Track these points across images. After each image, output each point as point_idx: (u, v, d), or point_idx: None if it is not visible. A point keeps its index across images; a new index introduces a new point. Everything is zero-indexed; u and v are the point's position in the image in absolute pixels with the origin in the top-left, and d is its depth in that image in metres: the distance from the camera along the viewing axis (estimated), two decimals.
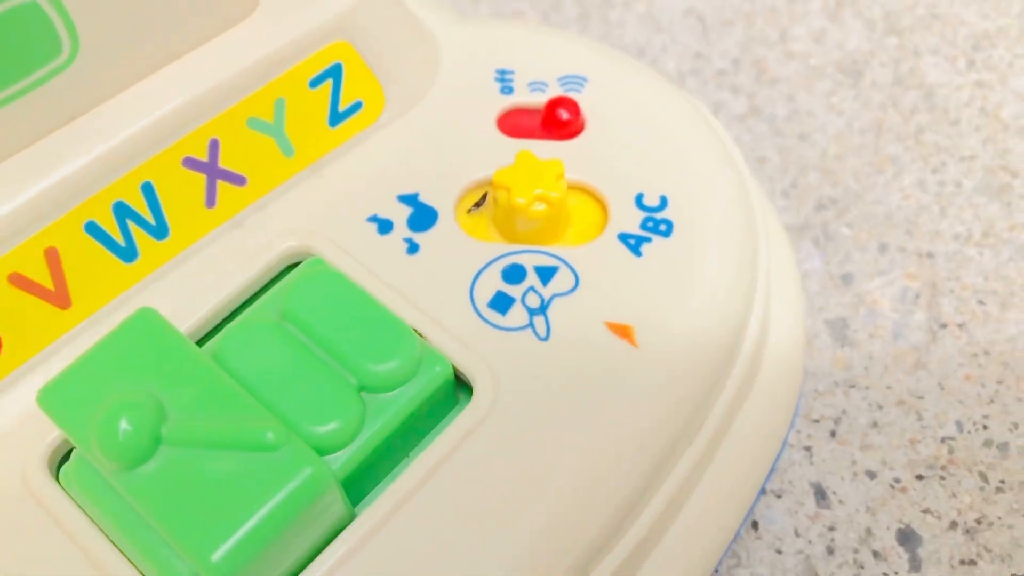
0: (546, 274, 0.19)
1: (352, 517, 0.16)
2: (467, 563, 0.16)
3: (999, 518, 0.23)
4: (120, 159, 0.18)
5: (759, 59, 0.30)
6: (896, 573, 0.22)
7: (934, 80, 0.30)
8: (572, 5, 0.32)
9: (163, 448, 0.14)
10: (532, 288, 0.19)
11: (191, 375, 0.15)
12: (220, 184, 0.19)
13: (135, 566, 0.16)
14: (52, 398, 0.15)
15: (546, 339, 0.18)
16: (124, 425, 0.14)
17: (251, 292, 0.19)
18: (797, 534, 0.23)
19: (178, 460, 0.14)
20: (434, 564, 0.16)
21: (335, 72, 0.20)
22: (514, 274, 0.19)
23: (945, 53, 0.31)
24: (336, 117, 0.21)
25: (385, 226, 0.20)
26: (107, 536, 0.16)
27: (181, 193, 0.19)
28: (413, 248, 0.19)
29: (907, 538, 0.23)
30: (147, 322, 0.16)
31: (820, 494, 0.23)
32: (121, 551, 0.16)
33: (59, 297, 0.18)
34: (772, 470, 0.23)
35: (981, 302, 0.26)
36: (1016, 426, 0.24)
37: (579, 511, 0.17)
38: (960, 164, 0.28)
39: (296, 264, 0.20)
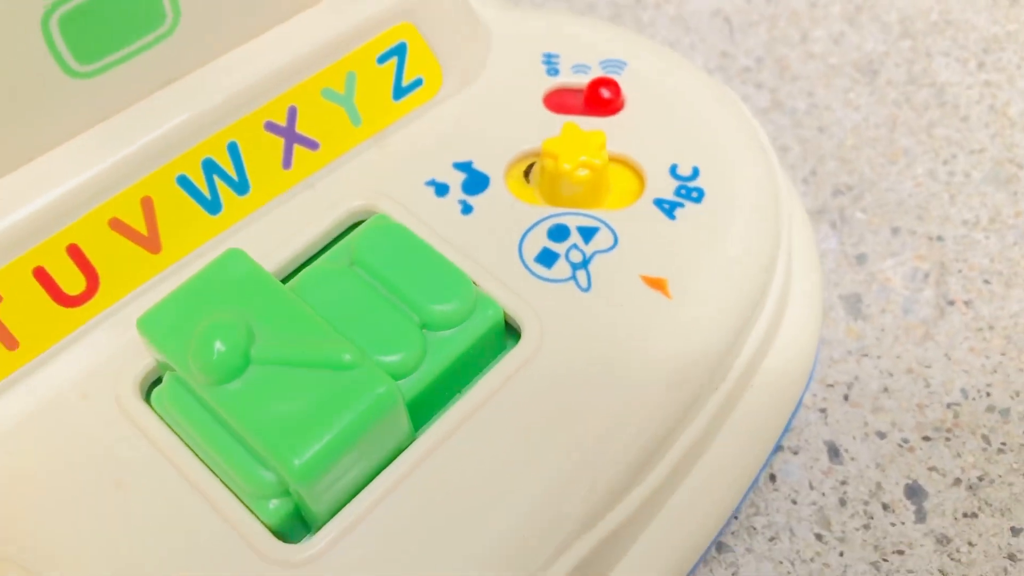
0: (588, 233, 0.21)
1: (413, 439, 0.18)
2: (511, 482, 0.18)
3: (1000, 476, 0.24)
4: (210, 120, 0.20)
5: (781, 57, 0.32)
6: (903, 523, 0.24)
7: (946, 79, 0.32)
8: (606, 6, 0.34)
9: (252, 366, 0.16)
10: (575, 245, 0.21)
11: (275, 305, 0.17)
12: (296, 148, 0.21)
13: (219, 478, 0.18)
14: (150, 324, 0.17)
15: (587, 290, 0.20)
16: (218, 345, 0.16)
17: (320, 246, 0.21)
18: (811, 487, 0.25)
19: (265, 377, 0.16)
20: (482, 481, 0.18)
21: (400, 51, 0.22)
22: (559, 233, 0.21)
23: (956, 55, 0.32)
24: (399, 91, 0.23)
25: (442, 189, 0.22)
26: (193, 451, 0.18)
27: (262, 154, 0.21)
28: (467, 209, 0.22)
29: (914, 492, 0.24)
30: (236, 260, 0.18)
31: (834, 451, 0.25)
32: (206, 464, 0.18)
33: (151, 242, 0.20)
34: (788, 428, 0.25)
35: (987, 281, 0.28)
36: (1017, 393, 0.26)
37: (612, 444, 0.19)
38: (969, 156, 0.30)
39: (361, 223, 0.22)
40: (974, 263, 0.28)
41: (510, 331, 0.20)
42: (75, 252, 0.19)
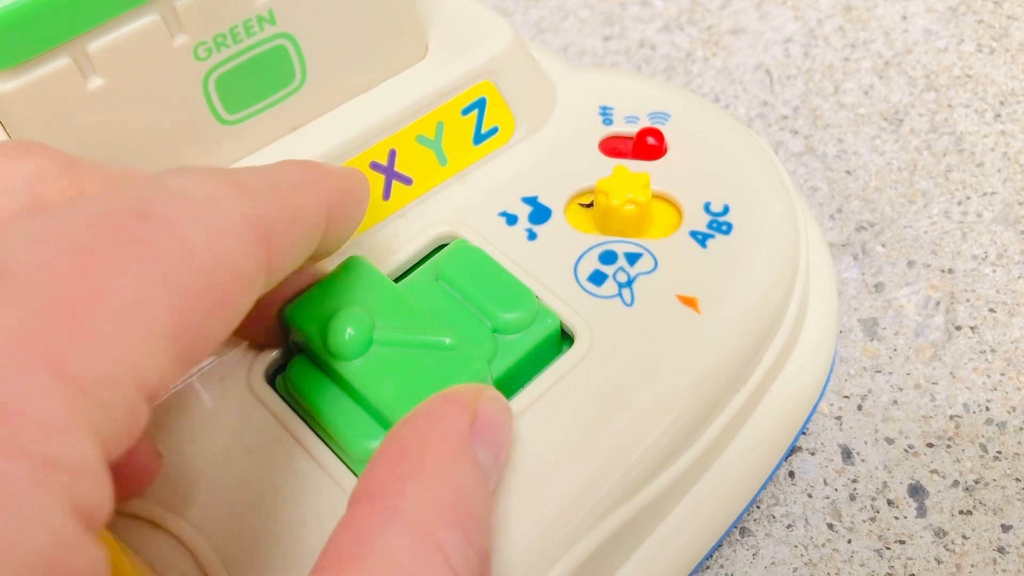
0: (632, 258, 0.25)
1: None
2: (564, 459, 0.22)
3: (994, 480, 0.28)
4: (328, 159, 0.24)
5: (816, 107, 0.36)
6: (905, 517, 0.27)
7: (964, 129, 0.35)
8: (660, 59, 0.38)
9: (374, 347, 0.21)
10: (621, 268, 0.25)
11: (389, 300, 0.21)
12: (394, 183, 0.26)
13: (329, 446, 0.22)
14: (295, 313, 0.21)
15: (631, 305, 0.24)
16: (349, 330, 0.20)
17: (412, 263, 0.25)
18: (826, 483, 0.28)
19: (384, 356, 0.20)
20: (541, 459, 0.22)
21: (480, 104, 0.27)
22: (608, 257, 0.25)
23: (976, 107, 0.36)
24: (479, 137, 0.27)
25: (511, 219, 0.26)
26: (309, 425, 0.22)
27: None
28: (532, 236, 0.26)
29: (916, 491, 0.28)
30: (358, 263, 0.22)
31: (846, 454, 0.28)
32: (323, 439, 0.22)
33: None
34: (803, 430, 0.28)
35: (992, 310, 0.31)
36: (1014, 409, 0.29)
37: (647, 435, 0.22)
38: (982, 199, 0.33)
39: (444, 245, 0.26)
40: (981, 294, 0.31)
41: (565, 337, 0.24)
42: None
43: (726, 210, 0.26)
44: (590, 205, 0.26)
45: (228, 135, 0.23)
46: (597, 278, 0.24)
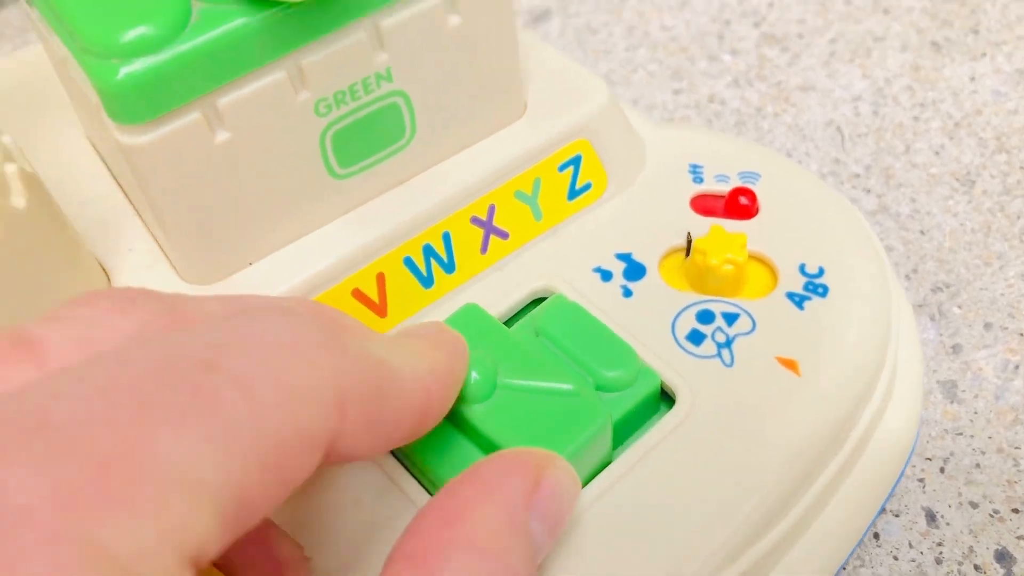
0: (730, 319, 0.25)
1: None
2: (662, 519, 0.21)
3: None
4: (432, 215, 0.25)
5: (888, 166, 0.36)
6: None
7: None
8: (730, 114, 0.39)
9: (498, 391, 0.20)
10: (719, 328, 0.25)
11: (509, 346, 0.21)
12: (492, 237, 0.26)
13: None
14: None
15: (730, 366, 0.24)
16: (474, 374, 0.20)
17: (508, 316, 0.25)
18: (911, 546, 0.28)
19: (509, 399, 0.20)
20: (640, 518, 0.21)
21: (576, 161, 0.27)
22: (706, 317, 0.25)
23: None
24: (573, 193, 0.27)
25: (606, 275, 0.26)
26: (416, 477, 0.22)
27: (466, 241, 0.25)
28: (627, 293, 0.26)
29: (1003, 557, 0.27)
30: (474, 311, 0.22)
31: (931, 516, 0.28)
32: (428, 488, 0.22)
33: (381, 308, 0.25)
34: (891, 493, 0.28)
35: None
36: None
37: (748, 500, 0.22)
38: None
39: (540, 299, 0.26)
40: None
41: (665, 396, 0.24)
42: None
43: (821, 272, 0.26)
44: (687, 253, 0.26)
45: (339, 189, 0.24)
46: (695, 337, 0.24)
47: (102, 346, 0.13)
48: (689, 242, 0.26)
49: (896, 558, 0.27)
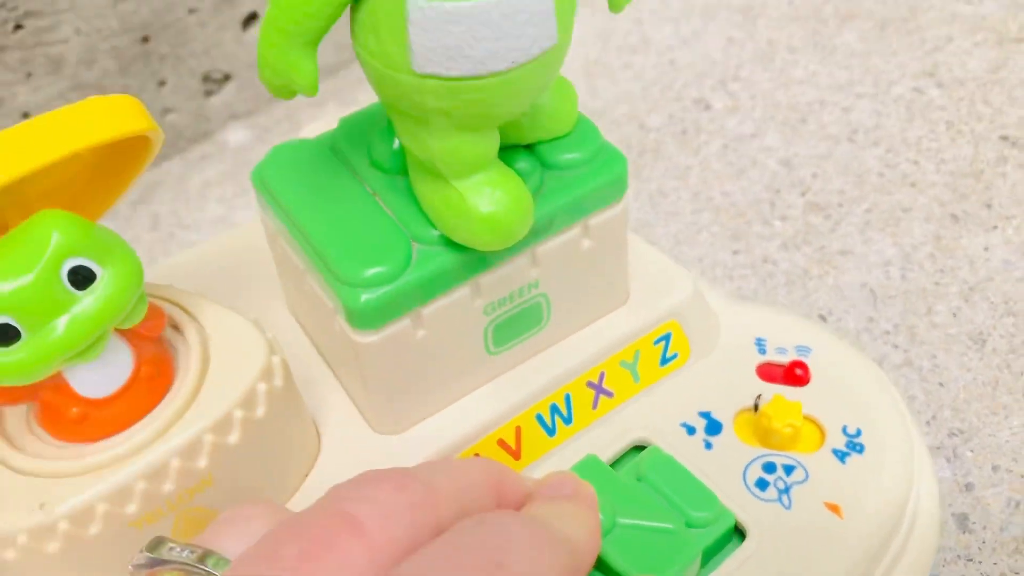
0: (788, 470, 0.32)
1: None
2: None
3: None
4: (559, 380, 0.32)
5: (912, 325, 0.43)
6: None
7: None
8: (781, 274, 0.46)
9: (616, 528, 0.27)
10: (780, 477, 0.32)
11: (621, 491, 0.28)
12: (600, 396, 0.33)
13: None
14: None
15: (789, 508, 0.31)
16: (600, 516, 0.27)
17: (612, 461, 0.33)
18: None
19: (625, 534, 0.27)
20: None
21: (667, 337, 0.34)
22: (769, 468, 0.32)
23: None
24: (664, 361, 0.34)
25: (691, 430, 0.33)
26: None
27: (582, 401, 0.33)
28: (708, 446, 0.33)
29: None
30: (593, 461, 0.29)
31: None
32: None
33: (516, 453, 0.32)
34: None
35: None
36: None
37: None
38: None
39: (638, 447, 0.33)
40: None
41: (738, 531, 0.31)
42: None
43: (859, 433, 0.33)
44: (755, 410, 0.33)
45: (492, 362, 0.31)
46: (761, 484, 0.31)
47: (398, 521, 0.20)
48: (756, 404, 0.33)
49: None
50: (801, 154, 0.53)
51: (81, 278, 0.23)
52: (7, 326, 0.22)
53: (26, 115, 0.48)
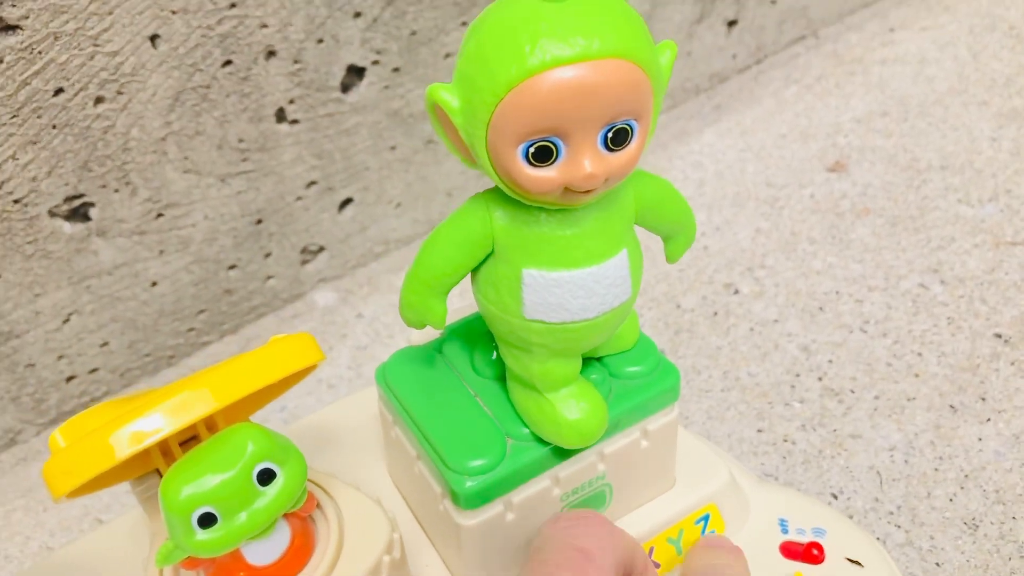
0: None
1: None
2: None
3: None
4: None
5: (913, 507, 0.49)
6: None
7: None
8: (799, 453, 0.52)
9: None
10: None
11: None
12: (649, 567, 0.39)
13: None
14: None
15: None
16: None
17: None
18: None
19: None
20: None
21: (706, 518, 0.40)
22: None
23: None
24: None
25: None
26: None
27: None
28: None
29: None
30: None
31: None
32: None
33: None
34: None
35: None
36: None
37: None
38: None
39: None
40: None
41: None
42: None
43: None
44: None
45: None
46: None
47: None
48: None
49: None
50: (818, 340, 0.60)
51: (266, 477, 0.29)
52: (209, 514, 0.29)
53: (154, 284, 0.55)
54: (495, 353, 0.37)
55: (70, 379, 0.55)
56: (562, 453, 0.35)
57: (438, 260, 0.32)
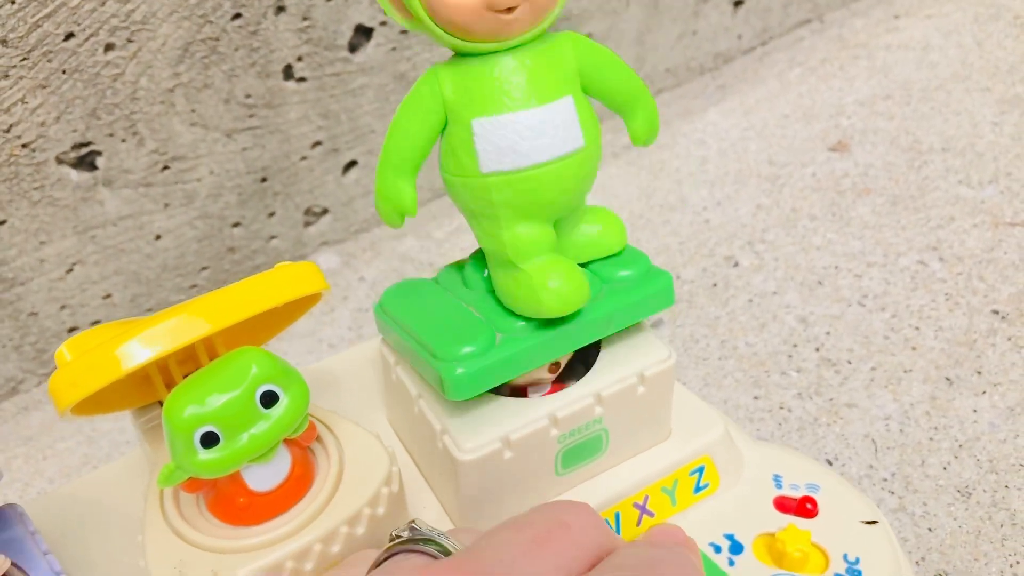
0: None
1: None
2: None
3: None
4: (611, 501, 0.38)
5: (907, 475, 0.49)
6: None
7: (1018, 507, 0.48)
8: (795, 420, 0.52)
9: None
10: None
11: None
12: (644, 516, 0.39)
13: None
14: None
15: None
16: None
17: None
18: None
19: None
20: None
21: (701, 469, 0.41)
22: None
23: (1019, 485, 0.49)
24: (697, 489, 0.41)
25: (717, 548, 0.39)
26: None
27: (628, 518, 0.39)
28: (731, 563, 0.39)
29: None
30: None
31: None
32: None
33: None
34: None
35: None
36: None
37: None
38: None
39: None
40: None
41: None
42: None
43: (858, 560, 0.39)
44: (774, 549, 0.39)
45: (557, 482, 0.38)
46: None
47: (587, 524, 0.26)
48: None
49: None
50: (817, 313, 0.60)
51: (269, 399, 0.30)
52: (211, 433, 0.29)
53: (158, 237, 0.56)
54: (487, 271, 0.37)
55: (72, 330, 0.55)
56: (551, 347, 0.35)
57: (400, 138, 0.34)
